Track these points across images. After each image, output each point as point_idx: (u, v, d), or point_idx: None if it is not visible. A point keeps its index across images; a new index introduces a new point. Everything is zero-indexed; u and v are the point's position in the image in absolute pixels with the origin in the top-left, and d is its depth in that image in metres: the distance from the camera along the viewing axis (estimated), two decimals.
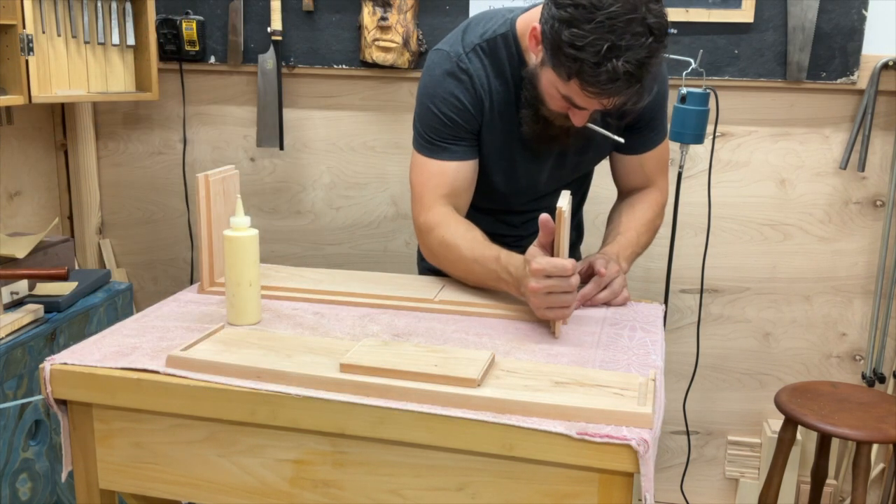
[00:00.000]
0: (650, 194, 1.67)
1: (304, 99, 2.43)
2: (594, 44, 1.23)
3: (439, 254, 1.51)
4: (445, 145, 1.51)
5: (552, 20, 1.28)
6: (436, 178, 1.52)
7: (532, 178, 1.60)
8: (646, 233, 1.63)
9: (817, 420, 1.87)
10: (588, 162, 1.66)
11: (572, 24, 1.25)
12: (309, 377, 1.08)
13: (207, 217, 1.43)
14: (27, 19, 1.98)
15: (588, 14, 1.24)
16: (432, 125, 1.51)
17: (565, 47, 1.26)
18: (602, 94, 1.29)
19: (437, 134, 1.51)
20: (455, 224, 1.49)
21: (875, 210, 2.26)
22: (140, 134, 2.55)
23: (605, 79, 1.25)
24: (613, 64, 1.24)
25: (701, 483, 2.50)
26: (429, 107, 1.51)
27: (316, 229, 2.52)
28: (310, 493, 1.12)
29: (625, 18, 1.23)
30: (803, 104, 2.22)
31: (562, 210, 1.26)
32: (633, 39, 1.24)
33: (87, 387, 1.14)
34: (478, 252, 1.44)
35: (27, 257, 1.78)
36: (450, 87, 1.49)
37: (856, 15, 2.11)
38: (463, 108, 1.49)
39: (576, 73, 1.27)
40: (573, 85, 1.30)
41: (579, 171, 1.67)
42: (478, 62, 1.49)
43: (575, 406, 1.01)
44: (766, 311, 2.36)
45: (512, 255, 1.39)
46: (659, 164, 1.67)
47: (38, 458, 1.71)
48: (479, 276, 1.46)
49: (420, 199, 1.53)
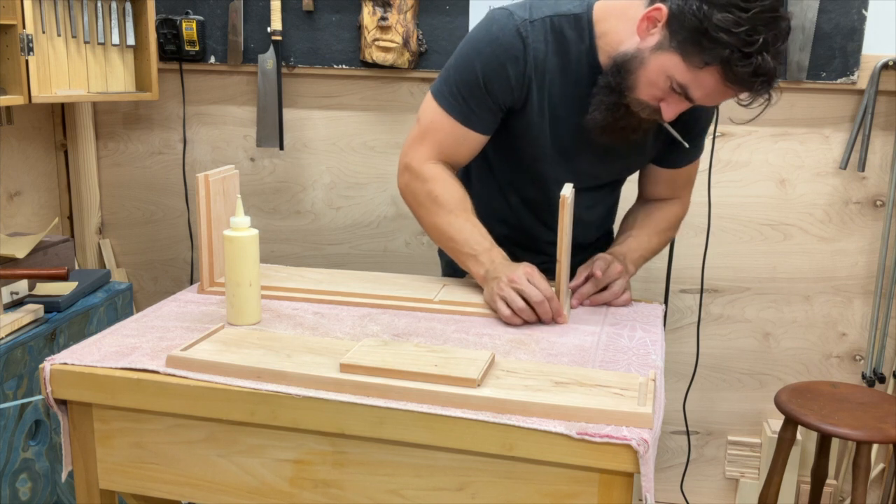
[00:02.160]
0: (672, 207, 1.65)
1: (304, 99, 2.43)
2: (751, 32, 1.19)
3: (423, 203, 1.49)
4: (468, 109, 1.45)
5: (697, 1, 1.22)
6: (443, 133, 1.47)
7: (571, 166, 1.53)
8: (658, 240, 1.62)
9: (817, 420, 1.87)
10: (630, 166, 1.62)
11: (727, 9, 1.19)
12: (309, 377, 1.08)
13: (207, 217, 1.43)
14: (27, 19, 1.98)
15: (745, 2, 1.19)
16: (466, 80, 1.43)
17: (714, 31, 1.20)
18: (742, 86, 1.25)
19: (466, 92, 1.43)
20: (451, 185, 1.48)
21: (875, 210, 2.26)
22: (140, 134, 2.55)
23: (752, 71, 1.21)
24: (764, 58, 1.20)
25: (701, 483, 2.50)
26: (471, 61, 1.42)
27: (316, 229, 2.52)
28: (310, 493, 1.12)
29: (777, 15, 1.20)
30: (803, 104, 2.22)
31: (565, 197, 1.26)
32: (780, 39, 1.21)
33: (87, 387, 1.14)
34: (466, 226, 1.46)
35: (27, 257, 1.78)
36: (500, 51, 1.40)
37: (856, 15, 2.11)
38: (505, 78, 1.41)
39: (721, 59, 1.21)
40: (709, 73, 1.24)
41: (618, 174, 1.64)
42: (541, 35, 1.40)
43: (575, 406, 1.01)
44: (766, 311, 2.36)
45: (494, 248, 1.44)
46: (689, 180, 1.65)
47: (38, 458, 1.71)
48: (452, 244, 1.47)
49: (420, 140, 1.49)
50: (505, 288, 1.35)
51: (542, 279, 1.36)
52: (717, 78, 1.25)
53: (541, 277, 1.36)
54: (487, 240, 1.46)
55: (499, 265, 1.41)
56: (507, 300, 1.35)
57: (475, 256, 1.44)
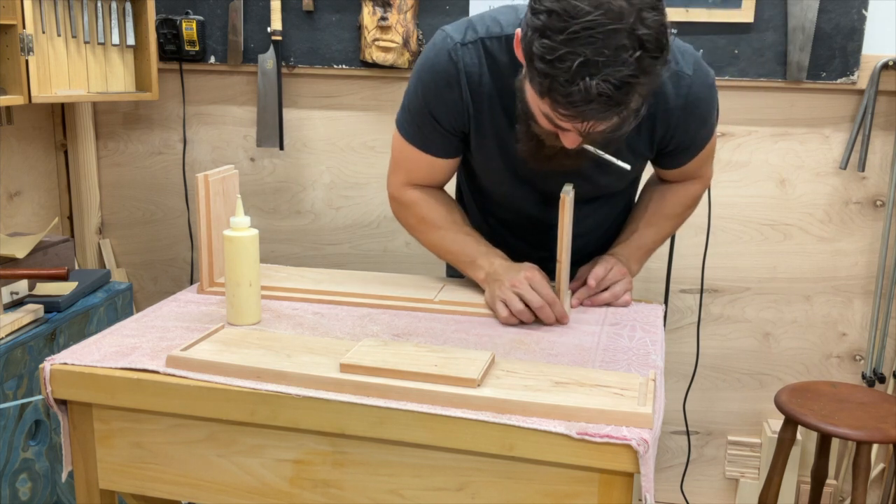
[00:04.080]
0: (690, 186, 1.55)
1: (304, 99, 2.43)
2: (565, 58, 1.05)
3: (415, 226, 1.54)
4: (425, 136, 1.42)
5: (527, 27, 1.11)
6: (411, 161, 1.47)
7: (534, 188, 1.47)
8: (671, 224, 1.57)
9: (817, 420, 1.87)
10: (613, 182, 1.49)
11: (544, 34, 1.07)
12: (309, 377, 1.08)
13: (207, 217, 1.43)
14: (27, 19, 1.98)
15: (562, 23, 1.05)
16: (416, 108, 1.41)
17: (536, 61, 1.09)
18: (575, 117, 1.11)
19: (420, 120, 1.41)
20: (434, 204, 1.51)
21: (875, 210, 2.26)
22: (140, 134, 2.55)
23: (578, 99, 1.07)
24: (587, 83, 1.05)
25: (701, 483, 2.50)
26: (416, 88, 1.40)
27: (316, 229, 2.52)
28: (310, 493, 1.12)
29: (606, 29, 1.04)
30: (803, 104, 2.22)
31: (565, 197, 1.25)
32: (615, 54, 1.05)
33: (87, 387, 1.14)
34: (459, 237, 1.48)
35: (27, 257, 1.78)
36: (437, 77, 1.36)
37: (856, 15, 2.11)
38: (444, 104, 1.37)
39: (547, 90, 1.09)
40: (546, 103, 1.13)
41: (601, 191, 1.50)
42: (474, 58, 1.34)
43: (575, 406, 1.01)
44: (766, 311, 2.36)
45: (492, 251, 1.45)
46: (705, 159, 1.51)
47: (38, 458, 1.71)
48: (451, 256, 1.50)
49: (395, 170, 1.51)
50: (506, 291, 1.35)
51: (543, 283, 1.35)
52: (551, 108, 1.13)
53: (542, 280, 1.35)
54: (483, 244, 1.47)
55: (498, 267, 1.40)
56: (506, 302, 1.34)
57: (473, 262, 1.45)
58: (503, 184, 1.49)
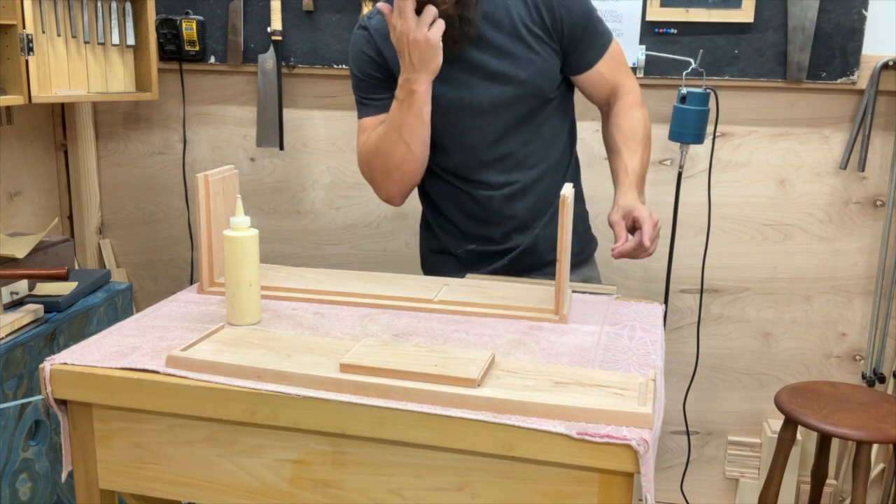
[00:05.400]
0: (626, 103, 1.65)
1: (304, 99, 2.43)
2: None
3: (374, 163, 1.61)
4: (367, 100, 1.63)
5: None
6: (365, 133, 1.64)
7: (471, 102, 1.57)
8: (641, 148, 1.62)
9: (817, 420, 1.87)
10: (532, 79, 1.57)
11: None
12: (309, 377, 1.08)
13: (207, 217, 1.43)
14: (27, 19, 1.98)
15: None
16: (356, 84, 1.64)
17: None
18: None
19: (361, 91, 1.64)
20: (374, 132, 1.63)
21: (875, 210, 2.26)
22: (140, 134, 2.56)
23: None
24: None
25: (701, 483, 2.50)
26: (350, 69, 1.65)
27: (316, 229, 2.52)
28: (310, 493, 1.12)
29: None
30: (803, 104, 2.22)
31: (565, 196, 1.26)
32: None
33: (87, 387, 1.14)
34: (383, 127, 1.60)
35: (27, 257, 1.78)
36: (355, 46, 1.62)
37: (856, 15, 2.11)
38: (369, 60, 1.60)
39: None
40: None
41: (536, 87, 1.59)
42: (381, 21, 1.58)
43: (575, 406, 1.01)
44: (766, 311, 2.36)
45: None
46: (617, 64, 1.66)
47: (38, 458, 1.71)
48: (390, 130, 1.55)
49: (358, 138, 1.67)
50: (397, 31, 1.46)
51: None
52: None
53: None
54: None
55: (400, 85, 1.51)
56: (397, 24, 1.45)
57: (398, 101, 1.52)
58: (445, 113, 1.57)
